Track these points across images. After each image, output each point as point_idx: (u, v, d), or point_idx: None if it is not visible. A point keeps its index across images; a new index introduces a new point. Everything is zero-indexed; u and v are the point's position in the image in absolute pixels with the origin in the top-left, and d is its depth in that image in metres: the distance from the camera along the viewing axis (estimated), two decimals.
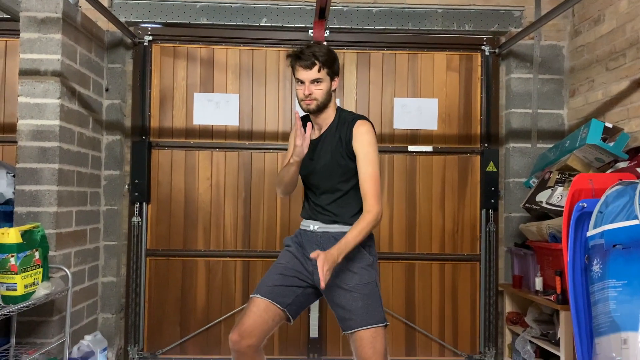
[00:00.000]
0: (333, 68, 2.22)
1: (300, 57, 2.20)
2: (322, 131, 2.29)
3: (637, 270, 2.03)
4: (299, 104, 2.24)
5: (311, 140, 2.26)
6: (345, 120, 2.26)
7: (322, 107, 2.24)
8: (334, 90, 2.26)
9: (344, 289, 2.15)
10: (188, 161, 3.55)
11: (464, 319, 3.58)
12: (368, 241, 2.22)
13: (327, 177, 2.27)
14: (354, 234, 2.08)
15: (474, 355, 3.56)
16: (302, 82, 2.20)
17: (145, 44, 3.50)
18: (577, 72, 3.40)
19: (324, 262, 1.93)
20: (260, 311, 2.18)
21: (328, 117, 2.28)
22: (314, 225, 2.27)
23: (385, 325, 2.13)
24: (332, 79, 2.23)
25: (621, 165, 2.78)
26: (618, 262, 2.09)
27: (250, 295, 2.26)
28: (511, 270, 3.46)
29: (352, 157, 2.22)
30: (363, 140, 2.20)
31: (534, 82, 3.47)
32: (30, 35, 2.79)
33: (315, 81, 2.19)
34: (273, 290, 2.21)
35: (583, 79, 3.32)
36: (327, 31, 3.46)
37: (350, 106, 3.57)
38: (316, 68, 2.18)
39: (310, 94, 2.20)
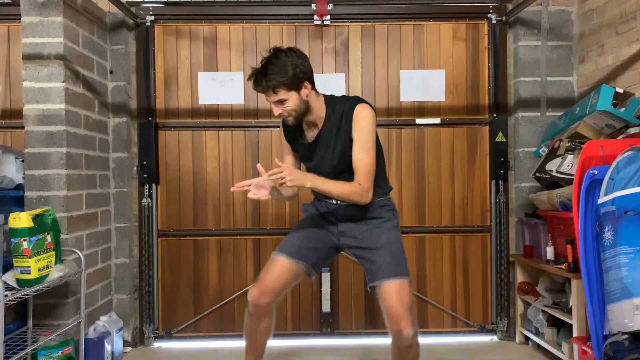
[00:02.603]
0: (293, 82, 2.15)
1: (254, 85, 2.19)
2: (320, 127, 2.29)
3: None
4: None
5: (309, 140, 2.33)
6: (343, 110, 2.25)
7: (303, 114, 2.26)
8: (308, 95, 2.22)
9: (373, 249, 2.27)
10: (195, 141, 3.54)
11: (476, 290, 3.58)
12: (392, 204, 2.38)
13: (336, 170, 2.30)
14: (336, 185, 2.19)
15: (486, 325, 3.57)
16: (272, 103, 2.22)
17: (148, 24, 3.47)
18: (586, 38, 3.34)
19: (289, 171, 2.07)
20: (283, 271, 2.31)
21: (318, 113, 2.29)
22: (334, 200, 2.34)
23: (410, 281, 2.24)
24: (298, 90, 2.18)
25: (632, 130, 2.73)
26: (630, 228, 2.07)
27: (274, 254, 2.37)
28: (522, 241, 3.45)
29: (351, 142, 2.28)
30: (361, 127, 2.22)
31: (542, 50, 3.41)
32: (32, 19, 2.78)
33: (279, 102, 2.19)
34: (299, 250, 2.34)
35: (593, 44, 3.26)
36: (331, 4, 3.41)
37: (356, 80, 3.53)
38: (272, 93, 2.17)
39: (280, 113, 2.23)
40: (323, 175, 2.26)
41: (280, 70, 2.13)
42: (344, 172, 2.28)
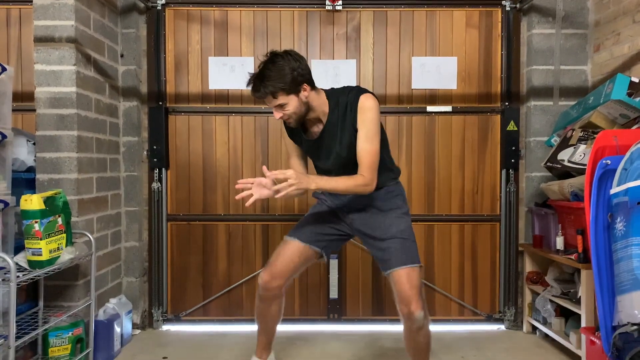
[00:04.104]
0: (291, 86, 2.14)
1: (253, 91, 2.19)
2: (324, 122, 2.29)
3: None
4: None
5: (314, 136, 2.33)
6: (347, 101, 2.24)
7: (304, 115, 2.26)
8: (308, 96, 2.21)
9: (384, 239, 2.30)
10: (205, 126, 3.54)
11: (484, 279, 3.58)
12: (402, 192, 2.42)
13: (345, 162, 2.30)
14: (340, 182, 2.19)
15: (493, 314, 3.57)
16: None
17: (159, 7, 3.46)
18: (602, 26, 3.28)
19: (295, 178, 2.05)
20: (294, 255, 2.37)
21: (321, 109, 2.28)
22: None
23: (421, 267, 2.28)
24: (297, 93, 2.17)
25: None
26: None
27: (286, 238, 2.43)
28: (531, 230, 3.43)
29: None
30: (366, 117, 2.21)
31: (556, 38, 3.36)
32: (43, 1, 2.78)
33: (279, 106, 2.19)
34: (311, 235, 2.40)
35: (608, 32, 3.21)
36: None
37: (367, 67, 3.51)
38: (271, 98, 2.16)
39: (281, 117, 2.23)
40: (332, 168, 2.29)
41: (278, 75, 2.12)
42: (354, 163, 2.28)
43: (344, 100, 2.25)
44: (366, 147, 2.21)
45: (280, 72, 2.12)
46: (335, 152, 2.30)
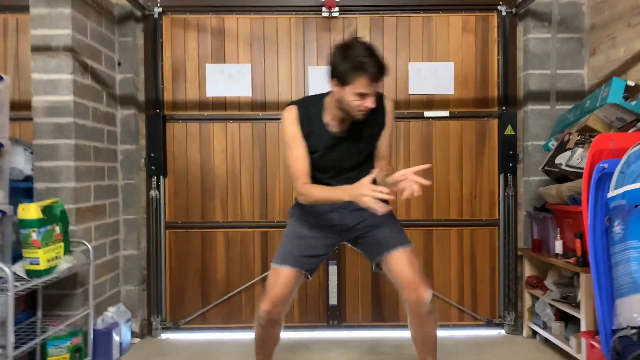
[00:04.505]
0: None
1: (371, 69, 2.03)
2: (351, 120, 2.21)
3: None
4: (348, 108, 2.13)
5: (339, 134, 2.25)
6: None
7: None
8: None
9: (374, 226, 2.29)
10: (203, 133, 3.54)
11: (483, 284, 3.57)
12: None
13: (358, 162, 2.32)
14: (389, 172, 2.17)
15: (493, 319, 3.57)
16: (363, 95, 2.07)
17: (155, 16, 3.47)
18: (597, 30, 3.30)
19: (369, 190, 1.94)
20: (289, 280, 2.30)
21: None
22: None
23: (413, 247, 2.30)
24: None
25: None
26: None
27: (275, 265, 2.33)
28: (530, 234, 3.43)
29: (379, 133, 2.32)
30: (391, 119, 2.33)
31: (552, 42, 3.37)
32: (40, 10, 2.79)
33: (369, 95, 2.09)
34: (299, 259, 2.32)
35: (604, 36, 3.22)
36: None
37: None
38: (378, 82, 2.09)
39: (368, 108, 2.11)
40: (343, 167, 2.30)
41: (384, 61, 2.09)
42: (361, 164, 2.32)
43: None
44: (389, 144, 2.38)
45: (383, 58, 2.10)
46: (354, 152, 2.30)
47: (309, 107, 2.27)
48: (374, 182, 2.11)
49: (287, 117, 2.25)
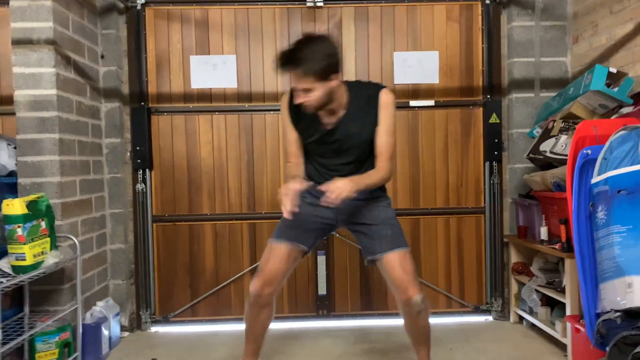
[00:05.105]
0: (322, 74, 2.06)
1: (283, 66, 2.08)
2: (340, 113, 2.25)
3: None
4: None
5: (328, 126, 2.27)
6: (367, 96, 2.26)
7: (325, 104, 2.19)
8: (334, 86, 2.14)
9: (373, 225, 2.31)
10: (188, 126, 3.52)
11: (470, 271, 3.61)
12: (384, 187, 2.42)
13: (354, 155, 2.30)
14: (365, 179, 2.19)
15: (480, 306, 3.61)
16: (297, 90, 2.11)
17: (138, 7, 3.43)
18: (580, 17, 3.32)
19: (346, 189, 2.02)
20: (283, 257, 2.30)
21: (339, 100, 2.24)
22: None
23: (409, 250, 2.31)
24: (326, 81, 2.10)
25: (625, 110, 2.74)
26: (623, 207, 2.08)
27: (271, 241, 2.35)
28: (516, 221, 3.46)
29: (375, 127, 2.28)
30: (388, 112, 2.27)
31: (536, 30, 3.39)
32: (20, 2, 2.74)
33: (304, 90, 2.10)
34: (296, 235, 2.32)
35: (587, 23, 3.25)
36: None
37: (349, 63, 3.51)
38: (301, 76, 2.07)
39: (302, 102, 2.15)
40: (338, 159, 2.29)
41: (313, 58, 2.04)
42: (359, 156, 2.30)
43: (364, 93, 2.27)
44: (388, 140, 2.27)
45: (316, 56, 2.04)
46: (351, 144, 2.27)
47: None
48: None
49: (282, 103, 2.38)
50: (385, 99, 2.26)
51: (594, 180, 2.24)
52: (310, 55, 2.04)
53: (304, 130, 2.32)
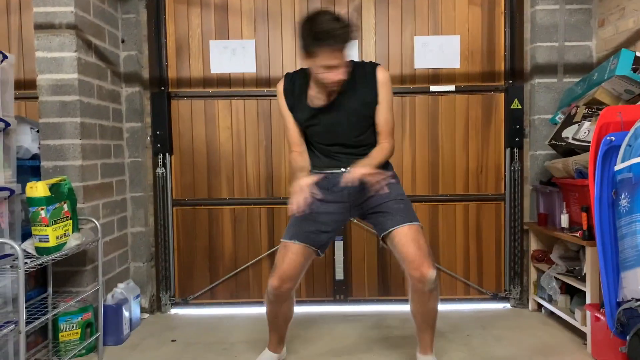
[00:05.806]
0: (349, 45, 2.09)
1: (330, 40, 2.02)
2: (337, 91, 2.25)
3: None
4: (319, 80, 2.17)
5: (324, 104, 2.26)
6: (363, 73, 2.26)
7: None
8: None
9: (384, 202, 2.28)
10: (207, 111, 3.54)
11: (489, 258, 3.59)
12: (389, 162, 2.40)
13: (351, 132, 2.30)
14: (373, 160, 2.21)
15: (499, 293, 3.59)
16: (329, 67, 2.08)
17: None
18: (606, 0, 3.24)
19: (366, 172, 2.08)
20: (298, 256, 2.31)
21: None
22: (344, 168, 2.30)
23: (422, 227, 2.30)
24: (346, 53, 2.11)
25: None
26: None
27: (285, 241, 2.35)
28: (536, 209, 3.42)
29: (375, 105, 2.27)
30: (385, 89, 2.27)
31: (560, 13, 3.32)
32: None
33: (336, 66, 2.09)
34: (309, 235, 2.32)
35: (613, 6, 3.16)
36: None
37: (369, 47, 3.48)
38: (339, 54, 2.06)
39: (336, 80, 2.13)
40: (336, 136, 2.29)
41: (349, 30, 2.05)
42: (360, 134, 2.30)
43: (361, 71, 2.27)
44: (388, 117, 2.29)
45: (348, 29, 2.05)
46: (344, 122, 2.27)
47: (296, 80, 2.32)
48: None
49: (277, 89, 2.38)
50: (383, 75, 2.27)
51: (617, 168, 2.20)
52: (346, 28, 2.05)
53: (298, 114, 2.33)
